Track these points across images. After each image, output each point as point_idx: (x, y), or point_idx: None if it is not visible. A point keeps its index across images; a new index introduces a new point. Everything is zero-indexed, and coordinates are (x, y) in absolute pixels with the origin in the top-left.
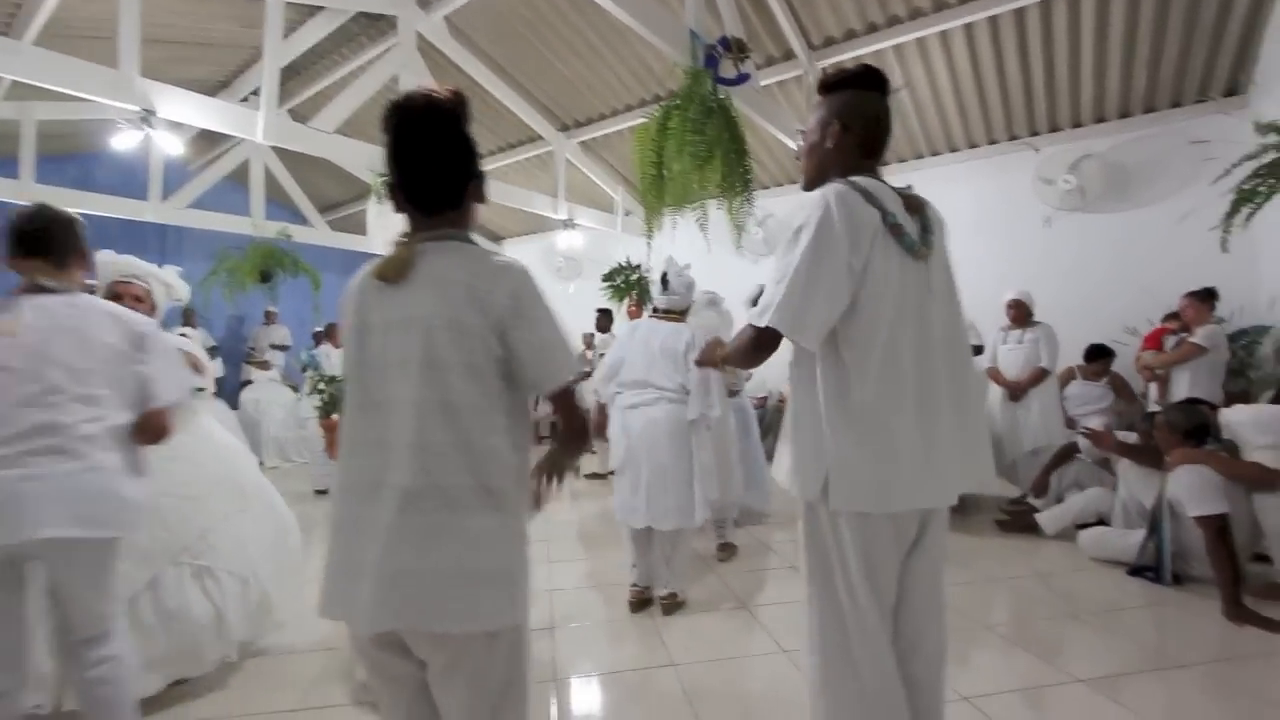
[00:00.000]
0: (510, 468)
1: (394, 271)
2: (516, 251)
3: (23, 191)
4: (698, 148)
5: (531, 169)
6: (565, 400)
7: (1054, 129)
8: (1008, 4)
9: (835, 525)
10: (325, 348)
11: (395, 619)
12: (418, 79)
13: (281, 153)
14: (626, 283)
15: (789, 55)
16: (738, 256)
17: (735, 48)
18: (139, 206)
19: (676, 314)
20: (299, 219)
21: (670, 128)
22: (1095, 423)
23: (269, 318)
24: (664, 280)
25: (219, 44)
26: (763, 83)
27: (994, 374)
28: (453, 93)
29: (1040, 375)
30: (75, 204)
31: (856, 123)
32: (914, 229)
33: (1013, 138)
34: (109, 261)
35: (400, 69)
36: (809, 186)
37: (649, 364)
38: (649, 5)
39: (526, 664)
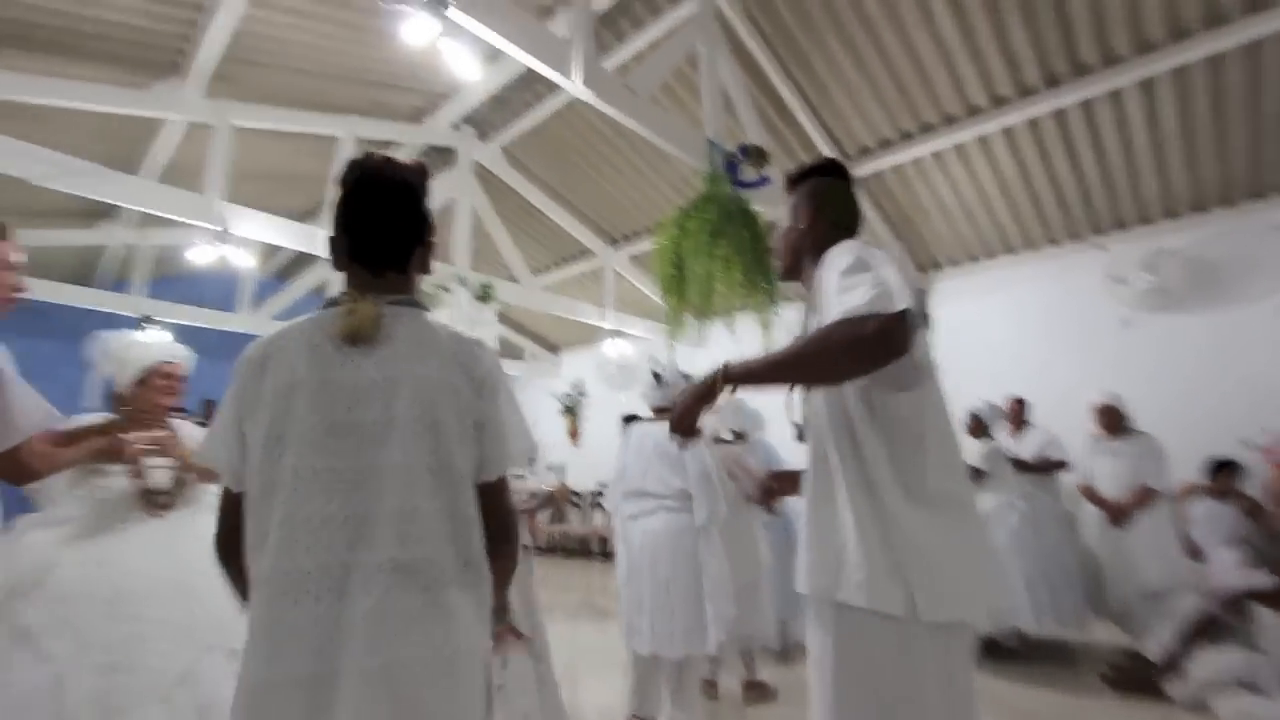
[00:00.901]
0: (481, 539)
1: (367, 330)
2: (573, 361)
3: (137, 305)
4: (716, 249)
5: (585, 282)
6: (499, 489)
7: (1120, 226)
8: (1045, 105)
9: (908, 641)
10: None
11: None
12: (474, 202)
13: None
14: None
15: None
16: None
17: (754, 155)
18: (228, 318)
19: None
20: None
21: (688, 230)
22: (1227, 555)
23: None
24: (656, 377)
25: (304, 177)
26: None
27: (1088, 492)
28: (415, 162)
29: (1148, 495)
30: (177, 316)
31: (827, 203)
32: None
33: (1075, 237)
34: (151, 343)
35: (458, 193)
36: (786, 274)
37: (644, 470)
38: (678, 126)
39: None
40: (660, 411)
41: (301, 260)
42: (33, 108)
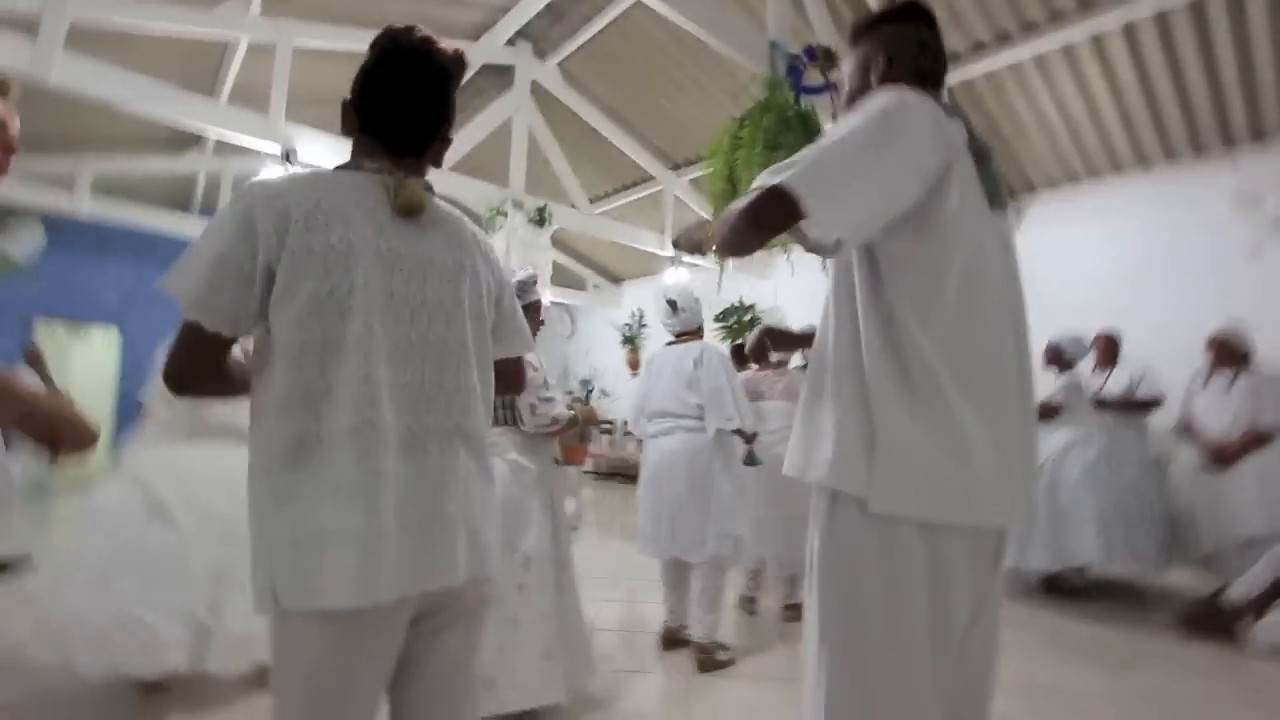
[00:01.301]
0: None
1: (422, 207)
2: (633, 293)
3: None
4: (772, 160)
5: (645, 209)
6: (519, 365)
7: (1258, 138)
8: None
9: (890, 540)
10: None
11: (468, 569)
12: (530, 121)
13: None
14: (740, 323)
15: None
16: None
17: (823, 56)
18: None
19: (690, 334)
20: None
21: (741, 139)
22: None
23: None
24: (671, 305)
25: None
26: None
27: (1189, 430)
28: (455, 49)
29: (1258, 439)
30: None
31: (904, 51)
32: (996, 172)
33: (1199, 151)
34: None
35: (514, 111)
36: None
37: (664, 391)
38: (741, 28)
39: None
40: (680, 336)
41: None
42: (111, 34)
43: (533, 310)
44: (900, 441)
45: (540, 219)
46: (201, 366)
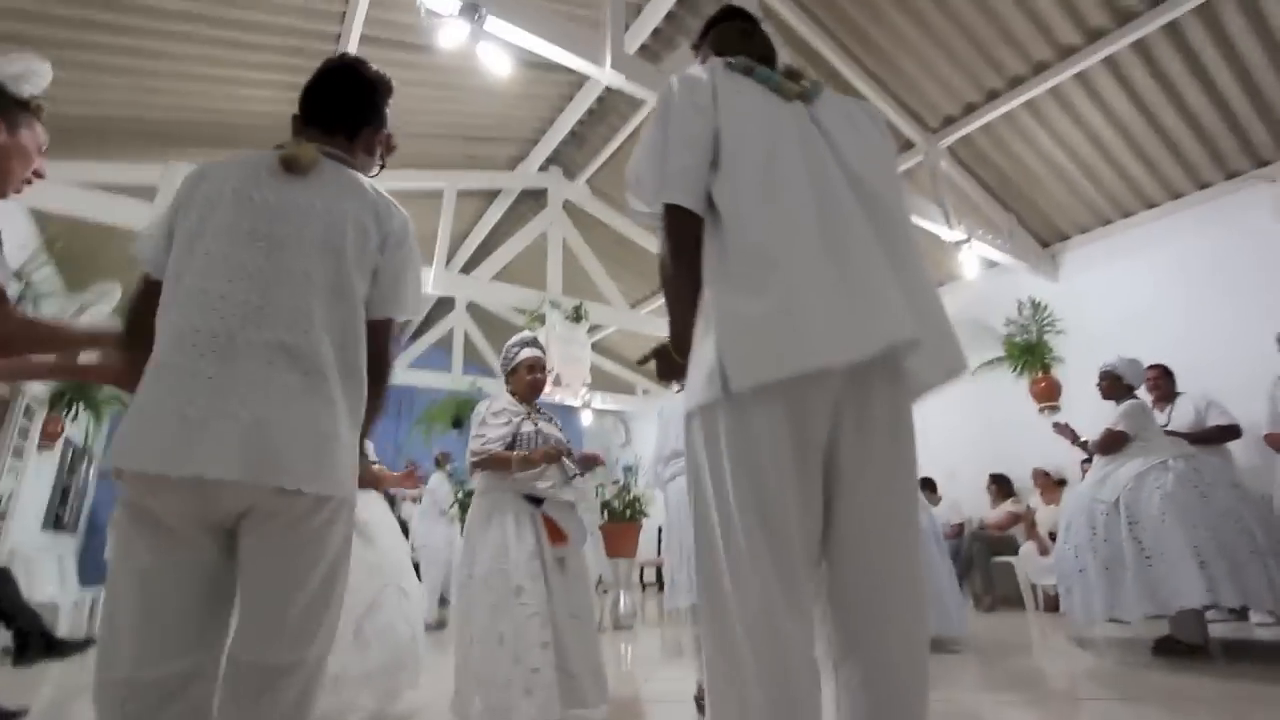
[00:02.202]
0: (364, 363)
1: (304, 165)
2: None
3: None
4: None
5: None
6: (383, 330)
7: None
8: (1152, 22)
9: (711, 425)
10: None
11: (248, 470)
12: (565, 233)
13: (478, 319)
14: (1032, 346)
15: (907, 145)
16: None
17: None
18: None
19: None
20: (490, 374)
21: None
22: None
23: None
24: None
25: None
26: None
27: (1276, 439)
28: (377, 71)
29: None
30: None
31: (716, 44)
32: (774, 73)
33: (1230, 174)
34: None
35: (549, 225)
36: None
37: (675, 433)
38: None
39: (348, 549)
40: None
41: (429, 316)
42: None
43: (522, 368)
44: (730, 322)
45: (576, 315)
46: (144, 314)
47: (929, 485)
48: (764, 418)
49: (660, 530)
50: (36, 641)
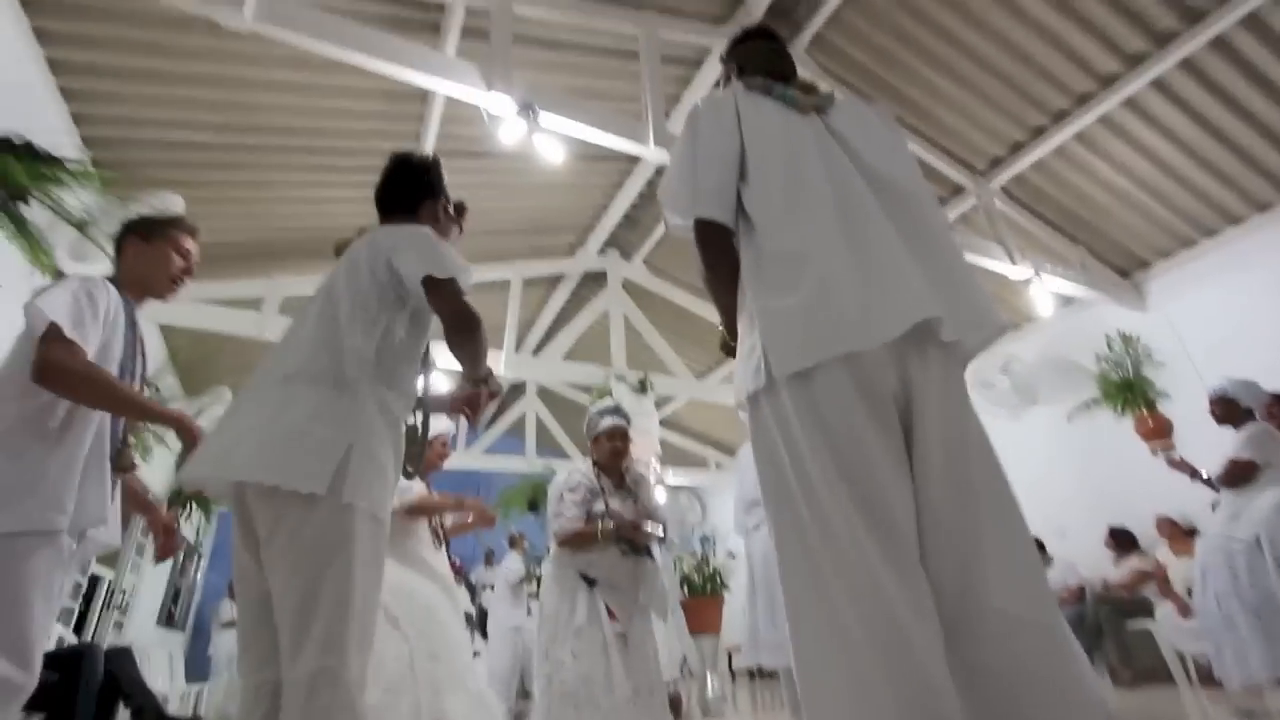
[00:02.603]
0: (355, 364)
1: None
2: None
3: None
4: None
5: None
6: (437, 293)
7: None
8: (1197, 39)
9: (779, 412)
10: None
11: (214, 465)
12: (626, 311)
13: (549, 403)
14: (1131, 382)
15: (957, 189)
16: (986, 414)
17: None
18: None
19: None
20: (563, 456)
21: None
22: None
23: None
24: None
25: (484, 318)
26: None
27: None
28: (424, 155)
29: None
30: None
31: (741, 59)
32: (789, 90)
33: None
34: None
35: (610, 305)
36: None
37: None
38: None
39: (355, 552)
40: None
41: (501, 404)
42: None
43: (603, 436)
44: (769, 318)
45: (641, 388)
46: None
47: (1037, 547)
48: (836, 387)
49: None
50: (151, 717)
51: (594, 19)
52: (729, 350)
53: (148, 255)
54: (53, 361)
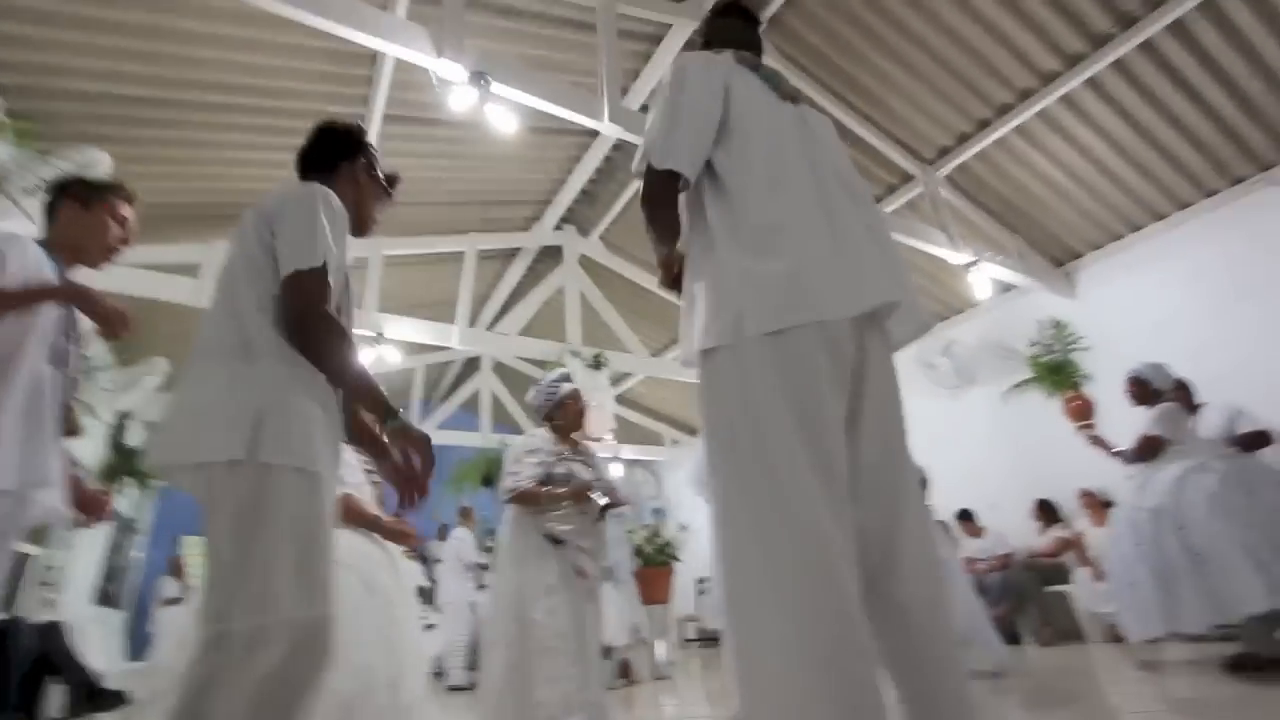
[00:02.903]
0: (260, 328)
1: None
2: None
3: None
4: None
5: None
6: (292, 281)
7: None
8: (1127, 43)
9: (740, 364)
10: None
11: (179, 453)
12: (581, 287)
13: (504, 378)
14: (1060, 365)
15: (905, 177)
16: (926, 395)
17: None
18: None
19: None
20: (517, 431)
21: None
22: None
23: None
24: None
25: (438, 290)
26: (889, 208)
27: None
28: (347, 123)
29: None
30: None
31: (719, 33)
32: (776, 73)
33: (1235, 180)
34: None
35: (565, 280)
36: None
37: None
38: None
39: (281, 509)
40: None
41: (456, 378)
42: None
43: (569, 401)
44: (738, 287)
45: (596, 363)
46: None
47: (968, 518)
48: (805, 348)
49: (697, 582)
50: (85, 693)
51: None
52: (674, 284)
53: (83, 221)
54: None
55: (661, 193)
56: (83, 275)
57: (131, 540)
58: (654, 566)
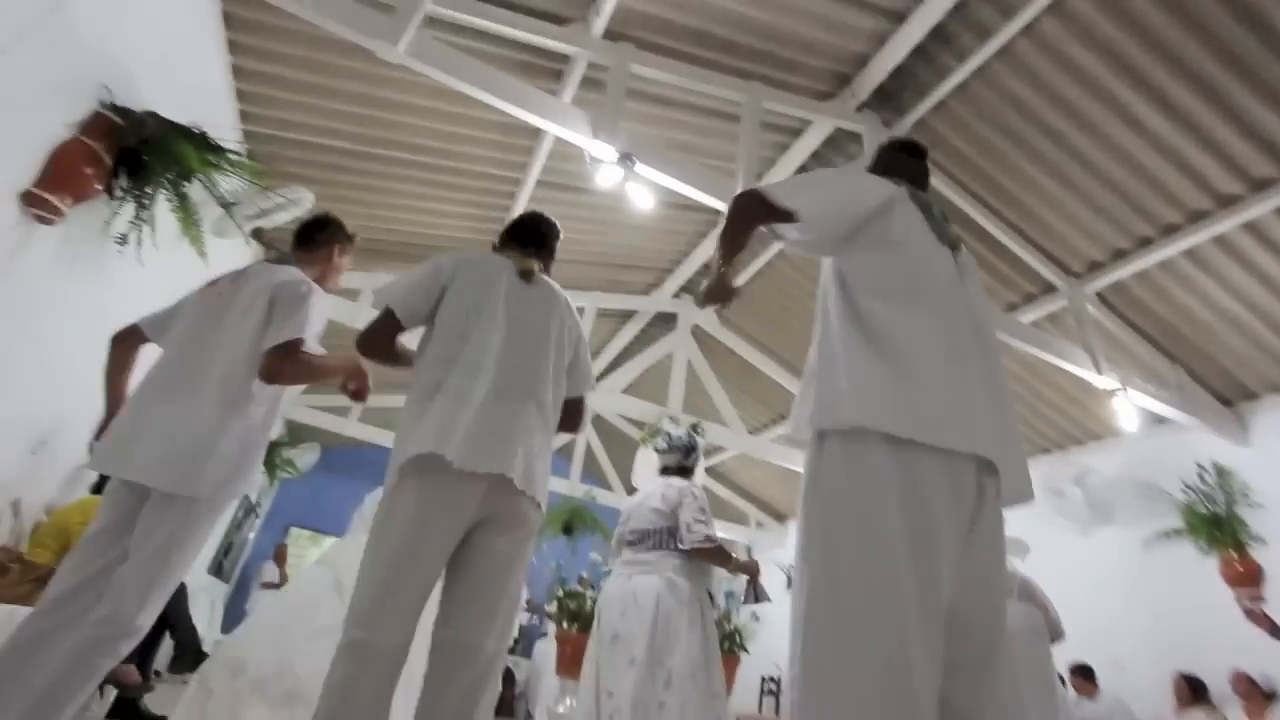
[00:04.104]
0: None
1: (529, 270)
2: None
3: None
4: None
5: None
6: (579, 405)
7: None
8: None
9: (860, 459)
10: None
11: (523, 483)
12: (690, 356)
13: (600, 432)
14: (1223, 519)
15: (1048, 288)
16: (1054, 526)
17: None
18: None
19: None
20: (605, 487)
21: None
22: None
23: None
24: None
25: None
26: (1027, 319)
27: None
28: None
29: None
30: None
31: (888, 167)
32: (944, 220)
33: None
34: None
35: (675, 347)
36: None
37: None
38: None
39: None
40: None
41: None
42: None
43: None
44: (864, 377)
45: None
46: (384, 339)
47: (1086, 674)
48: (930, 467)
49: (762, 680)
50: (190, 653)
51: (704, 84)
52: (726, 293)
53: (336, 263)
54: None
55: (757, 211)
56: None
57: (251, 522)
58: (723, 654)
